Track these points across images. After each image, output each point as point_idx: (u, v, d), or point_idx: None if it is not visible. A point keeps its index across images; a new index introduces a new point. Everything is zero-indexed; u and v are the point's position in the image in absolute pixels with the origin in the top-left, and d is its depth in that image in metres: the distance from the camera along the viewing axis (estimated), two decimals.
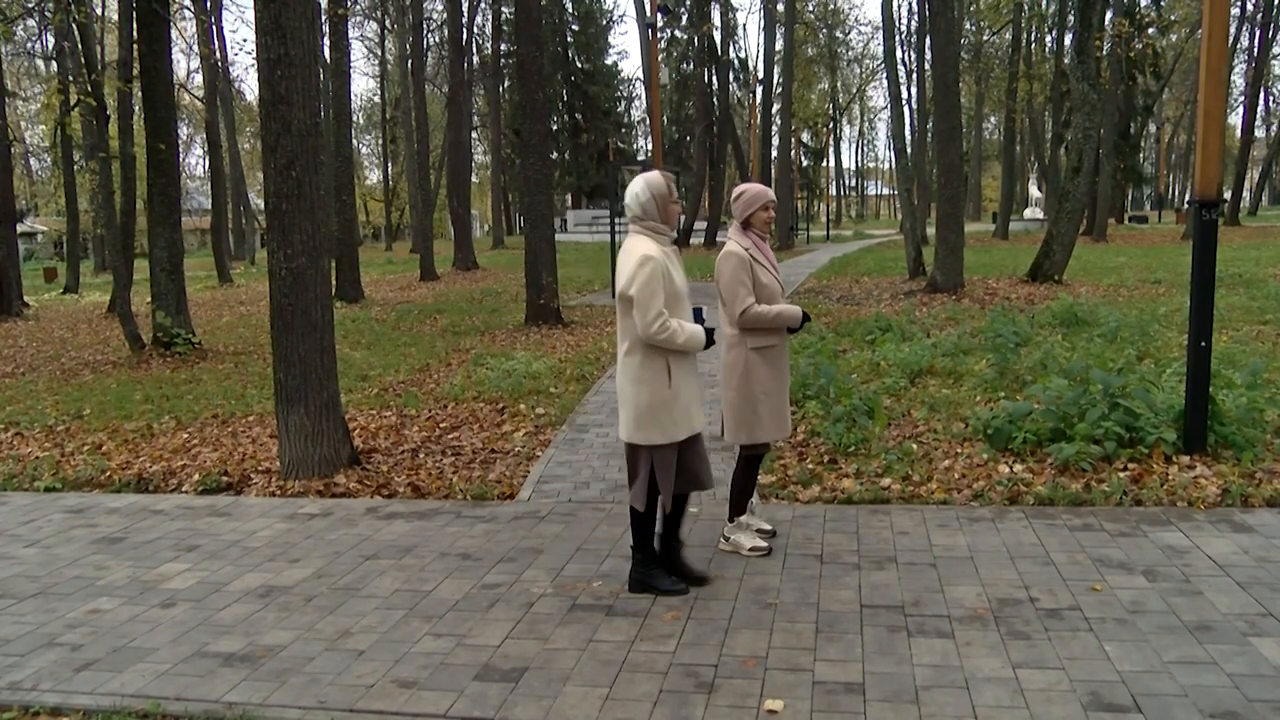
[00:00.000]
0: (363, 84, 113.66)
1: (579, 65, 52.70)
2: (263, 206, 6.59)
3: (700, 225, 39.34)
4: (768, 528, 4.87)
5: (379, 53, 49.14)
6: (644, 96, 50.84)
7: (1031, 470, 5.71)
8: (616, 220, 18.75)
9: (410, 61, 31.09)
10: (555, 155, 49.17)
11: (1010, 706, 3.15)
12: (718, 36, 38.06)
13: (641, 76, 48.63)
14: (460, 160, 28.54)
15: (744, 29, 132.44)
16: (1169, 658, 3.44)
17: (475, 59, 40.28)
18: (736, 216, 4.61)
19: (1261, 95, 50.82)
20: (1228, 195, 43.03)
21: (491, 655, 3.67)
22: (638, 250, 4.00)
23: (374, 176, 67.73)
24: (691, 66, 41.26)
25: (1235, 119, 46.02)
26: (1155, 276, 17.66)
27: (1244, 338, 10.15)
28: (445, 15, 32.40)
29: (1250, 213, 51.84)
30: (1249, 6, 45.74)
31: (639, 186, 4.12)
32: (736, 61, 43.70)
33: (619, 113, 55.71)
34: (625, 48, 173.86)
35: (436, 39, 40.25)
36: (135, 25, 12.47)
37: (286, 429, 6.30)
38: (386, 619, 4.05)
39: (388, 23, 42.82)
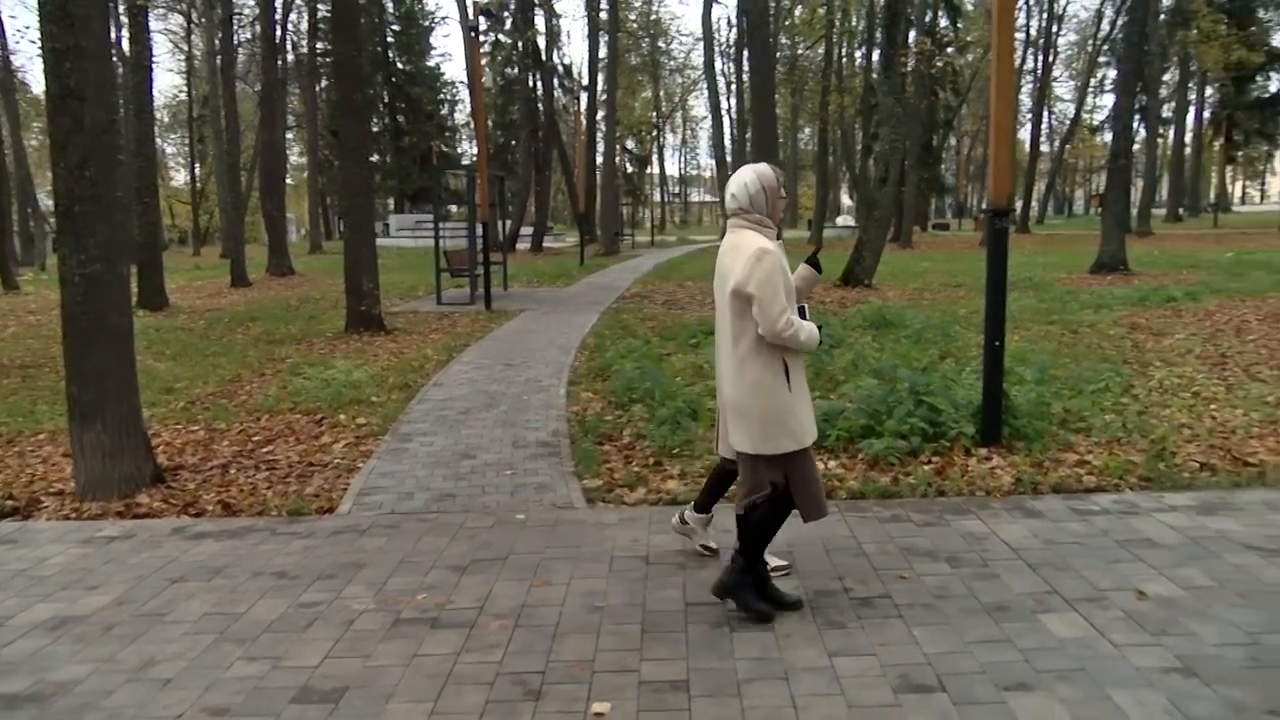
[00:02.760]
0: (167, 80, 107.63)
1: (400, 67, 51.53)
2: (53, 208, 6.10)
3: (526, 231, 39.22)
4: (713, 546, 4.69)
5: (185, 48, 46.61)
6: (468, 100, 50.31)
7: (844, 466, 5.97)
8: (441, 225, 18.44)
9: (219, 58, 29.60)
10: (376, 158, 47.86)
11: (826, 694, 3.28)
12: (542, 42, 38.09)
13: (465, 80, 48.03)
14: (274, 161, 27.43)
15: (568, 35, 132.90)
16: (970, 638, 3.66)
17: (290, 57, 38.78)
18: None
19: (1045, 113, 55.02)
20: (1019, 205, 46.32)
21: (310, 676, 3.52)
22: (751, 244, 3.70)
23: (181, 177, 64.10)
24: (516, 71, 41.11)
25: (1025, 134, 49.56)
26: (956, 281, 18.82)
27: (1034, 337, 10.95)
28: (257, 11, 31.07)
29: (1038, 221, 55.97)
30: (1033, 32, 49.50)
31: (749, 176, 3.80)
32: (561, 67, 43.91)
33: (442, 116, 54.78)
34: (449, 50, 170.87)
35: (248, 35, 38.54)
36: None
37: (82, 447, 5.87)
38: (195, 645, 3.82)
39: (194, 16, 40.65)
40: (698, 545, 4.67)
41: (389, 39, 49.87)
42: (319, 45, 36.68)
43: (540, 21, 38.35)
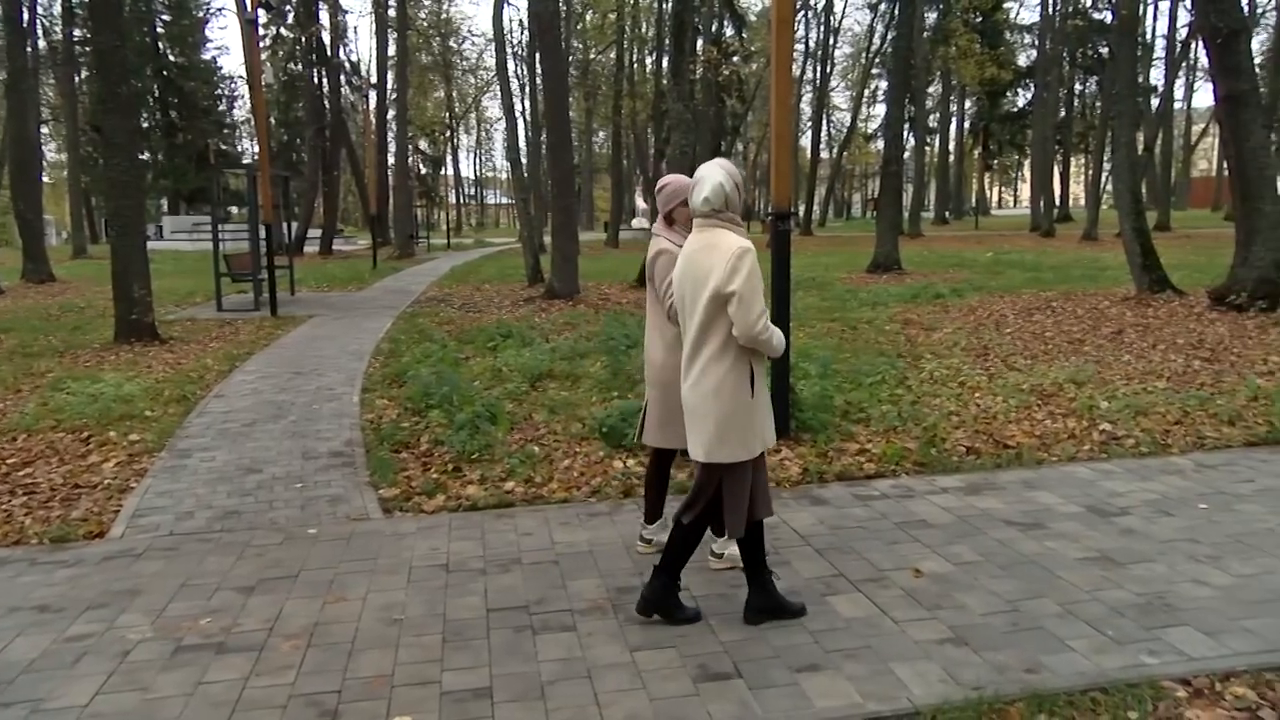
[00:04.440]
0: None
1: (172, 59, 48.34)
2: None
3: (315, 233, 37.72)
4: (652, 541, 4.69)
5: None
6: (248, 95, 47.78)
7: (643, 464, 6.04)
8: (221, 227, 17.45)
9: None
10: (147, 155, 44.71)
11: (629, 689, 3.32)
12: (327, 38, 36.72)
13: (244, 74, 45.69)
14: (27, 157, 25.09)
15: (355, 31, 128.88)
16: (763, 625, 3.80)
17: (42, 43, 35.64)
18: (660, 210, 4.35)
19: (825, 122, 58.02)
20: (801, 208, 48.59)
21: (79, 716, 3.25)
22: (730, 243, 3.57)
23: None
24: (300, 66, 39.42)
25: (806, 141, 52.05)
26: None
27: (817, 334, 11.52)
28: None
29: (820, 224, 58.92)
30: (812, 44, 52.07)
31: (721, 175, 3.67)
32: (348, 64, 42.46)
33: (220, 112, 51.77)
34: (225, 42, 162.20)
35: None
36: None
37: None
38: None
39: None
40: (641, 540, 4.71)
41: (158, 29, 46.69)
42: (76, 32, 33.84)
43: (325, 16, 36.97)
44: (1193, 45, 39.78)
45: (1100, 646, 3.54)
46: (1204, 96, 77.93)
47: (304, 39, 35.17)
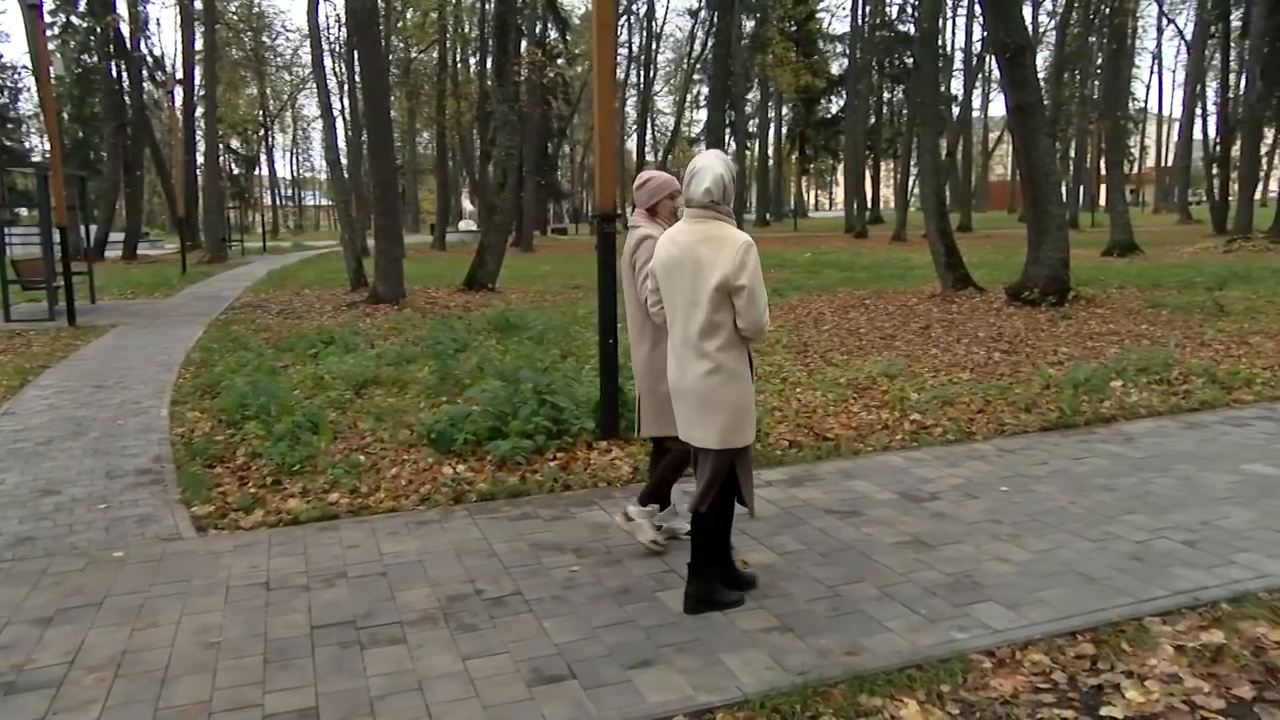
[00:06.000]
0: None
1: None
2: None
3: (117, 237, 35.39)
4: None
5: None
6: (35, 88, 44.31)
7: (473, 469, 6.00)
8: (7, 231, 16.10)
9: None
10: None
11: (462, 698, 3.27)
12: (126, 29, 34.47)
13: (30, 66, 42.34)
14: None
15: (158, 24, 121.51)
16: (596, 623, 3.82)
17: None
18: (641, 204, 4.41)
19: (649, 125, 58.86)
20: (627, 210, 48.92)
21: None
22: (735, 237, 3.63)
23: None
24: (95, 59, 36.85)
25: (632, 144, 52.71)
26: (575, 283, 19.59)
27: None
28: None
29: None
30: (635, 48, 52.79)
31: (721, 167, 3.70)
32: (151, 58, 39.97)
33: (4, 105, 47.92)
34: (6, 29, 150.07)
35: None
36: None
37: None
38: None
39: None
40: (683, 534, 4.66)
41: None
42: None
43: (123, 6, 34.69)
44: (987, 59, 42.62)
45: (915, 625, 3.73)
46: (998, 106, 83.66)
47: (99, 29, 32.86)
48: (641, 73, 53.36)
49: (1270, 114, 30.22)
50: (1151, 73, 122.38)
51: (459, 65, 43.63)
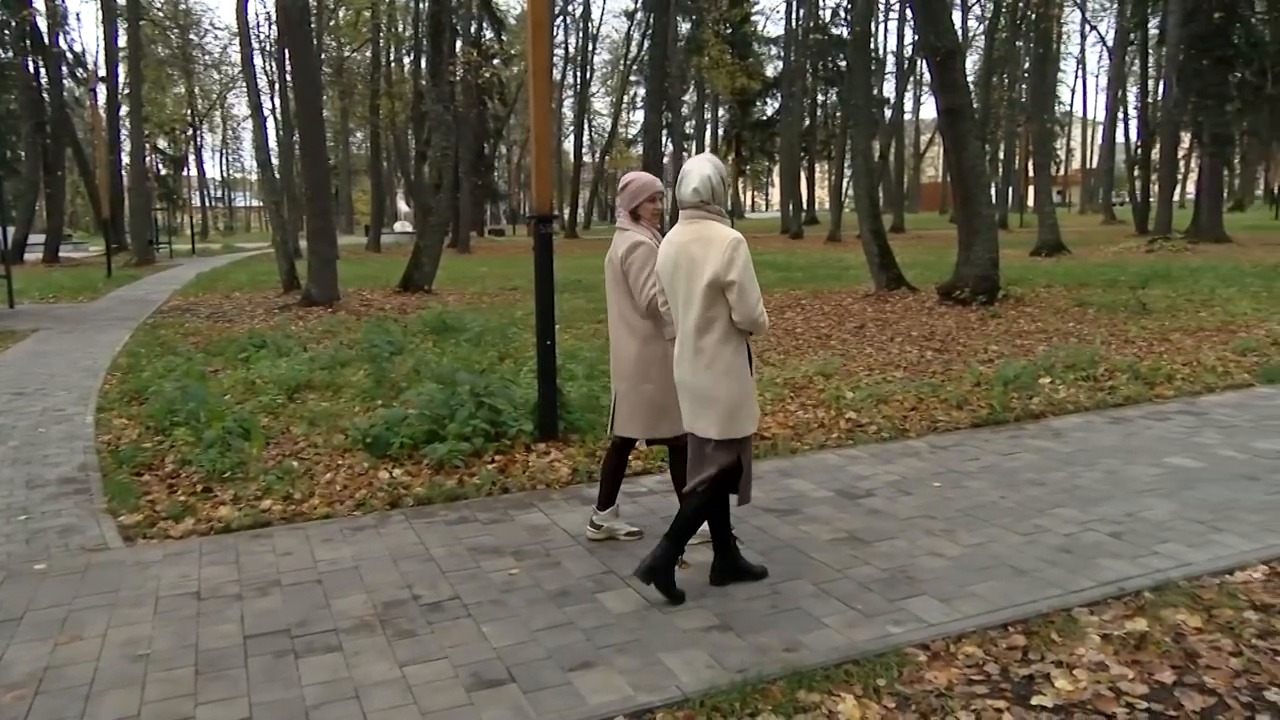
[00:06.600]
0: None
1: None
2: None
3: (37, 239, 34.30)
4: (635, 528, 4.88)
5: None
6: None
7: (410, 473, 5.93)
8: None
9: None
10: None
11: (400, 705, 3.23)
12: (43, 23, 33.41)
13: None
14: None
15: (78, 18, 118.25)
16: (536, 626, 3.80)
17: None
18: (624, 206, 4.47)
19: (586, 126, 58.86)
20: (566, 211, 49.03)
21: None
22: (723, 234, 3.79)
23: None
24: (10, 54, 35.63)
25: (570, 145, 52.62)
26: (513, 284, 19.50)
27: (585, 335, 11.66)
28: None
29: (585, 227, 59.72)
30: (572, 49, 52.72)
31: (709, 169, 3.87)
32: (71, 54, 38.79)
33: None
34: None
35: None
36: None
37: None
38: None
39: None
40: (622, 535, 4.78)
41: None
42: None
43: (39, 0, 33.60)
44: (918, 62, 43.37)
45: (851, 621, 3.78)
46: (929, 109, 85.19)
47: (14, 23, 31.78)
48: (578, 74, 53.38)
49: (1186, 119, 31.18)
50: (1076, 77, 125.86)
51: (393, 65, 43.13)
